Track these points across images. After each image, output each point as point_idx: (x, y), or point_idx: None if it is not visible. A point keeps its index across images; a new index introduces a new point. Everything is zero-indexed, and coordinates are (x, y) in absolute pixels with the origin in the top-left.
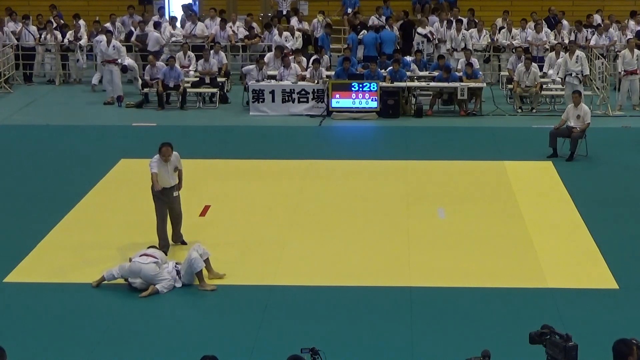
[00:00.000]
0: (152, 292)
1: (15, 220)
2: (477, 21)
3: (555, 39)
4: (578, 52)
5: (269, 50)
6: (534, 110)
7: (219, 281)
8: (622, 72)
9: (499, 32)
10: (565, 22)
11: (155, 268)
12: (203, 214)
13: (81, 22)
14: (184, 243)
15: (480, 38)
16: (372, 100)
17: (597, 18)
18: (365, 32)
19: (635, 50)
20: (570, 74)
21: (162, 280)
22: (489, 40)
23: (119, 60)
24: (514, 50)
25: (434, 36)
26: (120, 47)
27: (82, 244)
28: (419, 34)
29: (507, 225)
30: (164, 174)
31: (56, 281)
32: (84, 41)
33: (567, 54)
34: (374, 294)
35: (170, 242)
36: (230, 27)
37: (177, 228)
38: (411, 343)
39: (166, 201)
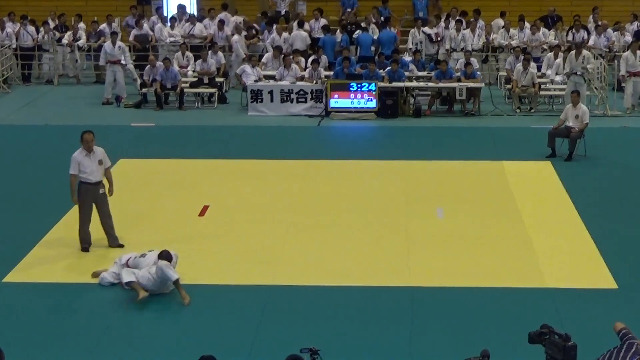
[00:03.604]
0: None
1: (14, 220)
2: (470, 21)
3: (555, 39)
4: (585, 52)
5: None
6: (533, 110)
7: (219, 280)
8: (627, 74)
9: (497, 33)
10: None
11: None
12: (202, 214)
13: (81, 24)
14: (120, 246)
15: (474, 38)
16: (370, 100)
17: (591, 19)
18: (360, 32)
19: (638, 52)
20: (575, 73)
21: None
22: (484, 41)
23: (123, 61)
24: (512, 50)
25: (438, 37)
26: (125, 48)
27: (79, 245)
28: (424, 32)
29: (506, 225)
30: (89, 165)
31: (55, 281)
32: (82, 42)
33: (574, 52)
34: (373, 294)
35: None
36: (236, 23)
37: (110, 229)
38: (410, 343)
39: (91, 198)
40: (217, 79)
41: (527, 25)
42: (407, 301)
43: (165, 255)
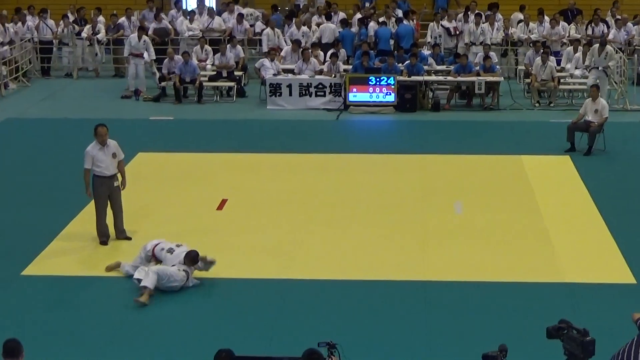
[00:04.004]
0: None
1: (33, 213)
2: (488, 15)
3: (576, 33)
4: (608, 48)
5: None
6: (552, 105)
7: (238, 273)
8: None
9: (516, 26)
10: None
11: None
12: (220, 207)
13: (100, 18)
14: (128, 238)
15: (493, 32)
16: (389, 94)
17: (611, 12)
18: (376, 25)
19: None
20: (597, 67)
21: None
22: (504, 35)
23: (145, 55)
24: (531, 44)
25: (457, 31)
26: (150, 43)
27: (97, 238)
28: (442, 26)
29: (525, 219)
30: (102, 159)
31: (73, 274)
32: (101, 35)
33: (597, 47)
34: (390, 288)
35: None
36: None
37: (119, 222)
38: (427, 337)
39: (106, 192)
40: (236, 73)
41: (547, 19)
42: (425, 295)
43: (192, 257)
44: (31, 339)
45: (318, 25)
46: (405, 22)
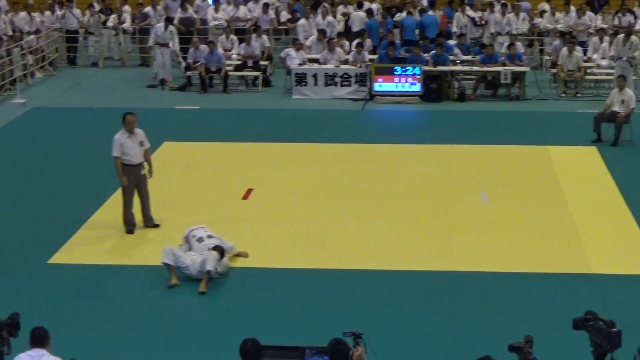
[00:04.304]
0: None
1: (59, 202)
2: (514, 5)
3: (603, 23)
4: (633, 38)
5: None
6: (578, 95)
7: (264, 263)
8: None
9: (543, 16)
10: None
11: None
12: (246, 197)
13: (126, 7)
14: (156, 226)
15: (519, 22)
16: (414, 84)
17: (638, 3)
18: (403, 15)
19: None
20: (622, 58)
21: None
22: (530, 25)
23: (170, 45)
24: (557, 34)
25: (482, 20)
26: (175, 33)
27: (123, 227)
28: (468, 16)
29: (551, 210)
30: (131, 147)
31: (99, 263)
32: (127, 25)
33: (622, 37)
34: (416, 278)
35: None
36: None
37: (147, 210)
38: (453, 328)
39: (134, 180)
40: (261, 62)
41: (573, 8)
42: (451, 286)
43: (218, 251)
44: (58, 327)
45: (344, 14)
46: (431, 12)
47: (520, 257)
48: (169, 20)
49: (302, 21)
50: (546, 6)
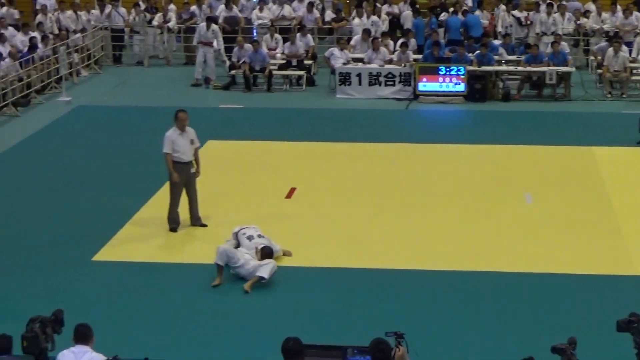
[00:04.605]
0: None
1: (104, 199)
2: (559, 4)
3: None
4: None
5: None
6: (624, 96)
7: (307, 262)
8: None
9: (587, 16)
10: None
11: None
12: (289, 196)
13: (171, 6)
14: (203, 225)
15: (564, 22)
16: (459, 84)
17: None
18: (447, 14)
19: None
20: None
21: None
22: (575, 25)
23: (214, 44)
24: (603, 35)
25: (528, 20)
26: (218, 32)
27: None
28: (513, 16)
29: (595, 211)
30: (182, 144)
31: (143, 260)
32: (172, 23)
33: None
34: (459, 279)
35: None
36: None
37: (195, 209)
38: (496, 328)
39: (183, 178)
40: (306, 62)
41: (619, 8)
42: (494, 286)
43: (266, 253)
44: (101, 324)
45: (388, 14)
46: (478, 12)
47: (564, 258)
48: (210, 20)
49: (357, 20)
50: (592, 6)
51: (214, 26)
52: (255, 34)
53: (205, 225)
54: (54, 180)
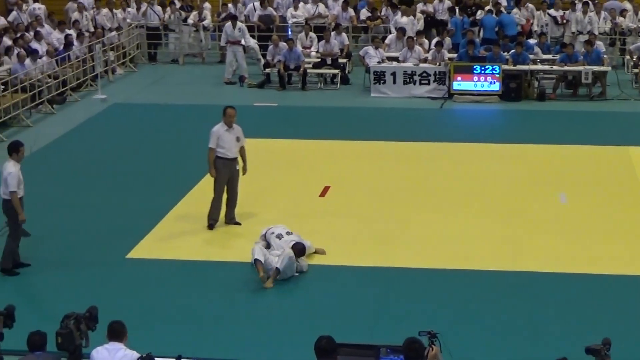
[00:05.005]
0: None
1: (139, 196)
2: (595, 3)
3: None
4: None
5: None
6: None
7: (341, 261)
8: None
9: (624, 16)
10: None
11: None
12: (323, 194)
13: (206, 4)
14: (237, 224)
15: (600, 21)
16: (494, 83)
17: None
18: (482, 13)
19: None
20: None
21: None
22: (611, 24)
23: (243, 42)
24: (639, 34)
25: (564, 19)
26: (245, 29)
27: (203, 222)
28: (549, 15)
29: (630, 211)
30: (228, 141)
31: (178, 258)
32: (207, 22)
33: None
34: (494, 278)
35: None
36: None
37: (232, 207)
38: (530, 328)
39: (227, 174)
40: (340, 60)
41: None
42: (528, 286)
43: (299, 249)
44: (134, 321)
45: (422, 12)
46: (515, 10)
47: (599, 259)
48: (234, 18)
49: (404, 19)
50: (628, 5)
51: (240, 25)
52: (290, 33)
53: (239, 224)
54: (88, 178)
